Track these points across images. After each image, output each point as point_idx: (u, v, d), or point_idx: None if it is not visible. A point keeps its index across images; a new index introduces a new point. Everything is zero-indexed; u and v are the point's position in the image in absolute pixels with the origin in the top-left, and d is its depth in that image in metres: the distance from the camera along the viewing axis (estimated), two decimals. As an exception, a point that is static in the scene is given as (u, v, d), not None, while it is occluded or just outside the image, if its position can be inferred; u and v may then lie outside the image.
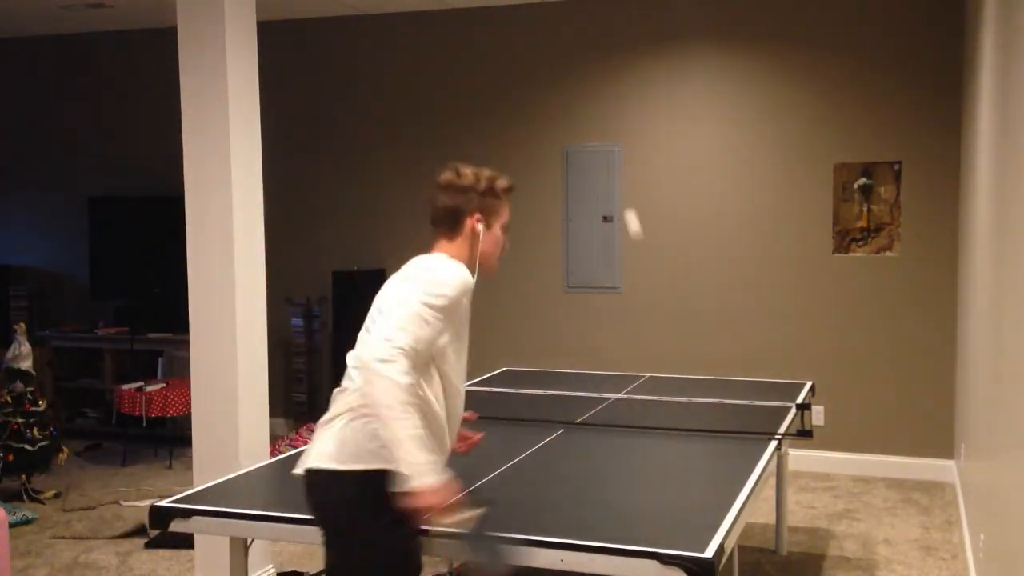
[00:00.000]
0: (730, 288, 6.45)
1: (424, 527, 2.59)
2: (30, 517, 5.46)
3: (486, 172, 2.76)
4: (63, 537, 5.22)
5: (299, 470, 2.67)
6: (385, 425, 2.41)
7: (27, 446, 5.67)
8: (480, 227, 2.72)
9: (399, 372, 2.41)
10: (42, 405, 5.82)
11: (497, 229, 2.78)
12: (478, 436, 3.05)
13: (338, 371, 6.96)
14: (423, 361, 2.55)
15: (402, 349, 2.43)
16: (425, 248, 2.78)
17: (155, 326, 7.34)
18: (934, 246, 6.08)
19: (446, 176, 2.75)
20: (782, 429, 3.94)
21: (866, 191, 6.16)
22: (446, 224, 2.73)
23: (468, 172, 2.75)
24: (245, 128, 4.34)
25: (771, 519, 5.37)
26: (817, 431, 6.30)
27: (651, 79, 6.54)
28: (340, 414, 2.61)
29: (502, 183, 2.77)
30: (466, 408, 2.89)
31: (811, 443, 6.22)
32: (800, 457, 6.33)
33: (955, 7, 5.96)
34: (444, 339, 2.59)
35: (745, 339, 6.44)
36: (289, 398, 7.42)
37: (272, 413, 7.20)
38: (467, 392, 4.75)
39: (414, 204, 7.03)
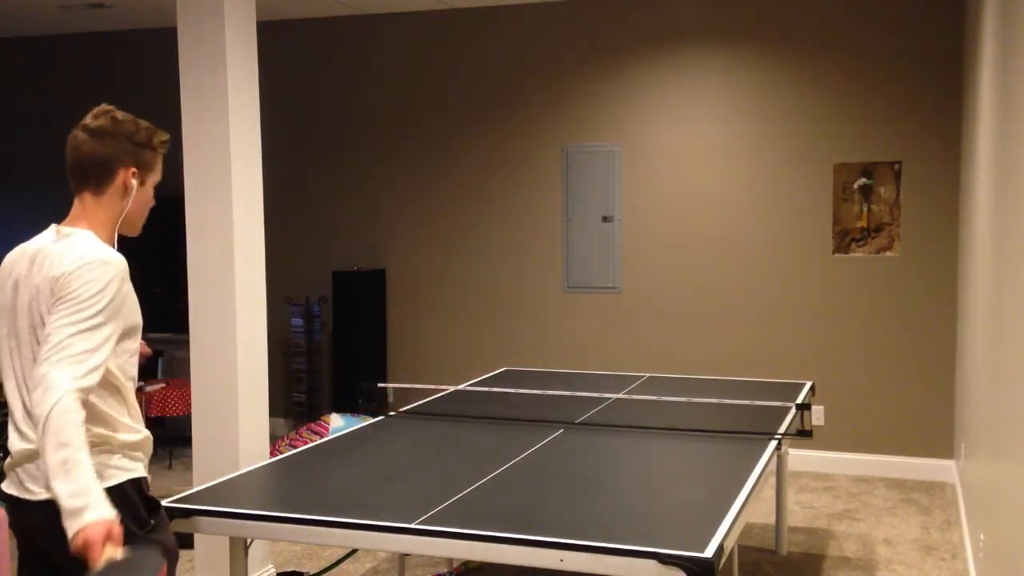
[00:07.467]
0: (730, 288, 6.45)
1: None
2: (30, 517, 5.44)
3: (143, 122, 2.44)
4: (63, 537, 5.21)
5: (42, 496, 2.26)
6: (75, 450, 2.08)
7: (27, 446, 5.66)
8: (134, 182, 2.39)
9: (78, 400, 2.13)
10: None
11: (150, 187, 2.45)
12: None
13: (338, 371, 7.00)
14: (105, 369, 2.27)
15: (87, 373, 2.17)
16: (425, 250, 2.75)
17: (155, 326, 7.33)
18: (934, 246, 6.09)
19: (99, 121, 2.37)
20: (782, 429, 3.95)
21: (866, 191, 6.16)
22: (94, 176, 2.37)
23: (127, 119, 2.41)
24: (245, 128, 4.34)
25: (771, 519, 5.37)
26: (817, 431, 6.31)
27: (651, 79, 6.54)
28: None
29: (161, 136, 2.46)
30: (464, 407, 2.88)
31: (811, 443, 6.22)
32: (800, 457, 6.33)
33: (955, 7, 5.96)
34: (117, 336, 2.29)
35: (745, 339, 6.44)
36: (289, 398, 7.42)
37: (272, 413, 7.20)
38: (466, 392, 4.76)
39: (414, 204, 7.03)
